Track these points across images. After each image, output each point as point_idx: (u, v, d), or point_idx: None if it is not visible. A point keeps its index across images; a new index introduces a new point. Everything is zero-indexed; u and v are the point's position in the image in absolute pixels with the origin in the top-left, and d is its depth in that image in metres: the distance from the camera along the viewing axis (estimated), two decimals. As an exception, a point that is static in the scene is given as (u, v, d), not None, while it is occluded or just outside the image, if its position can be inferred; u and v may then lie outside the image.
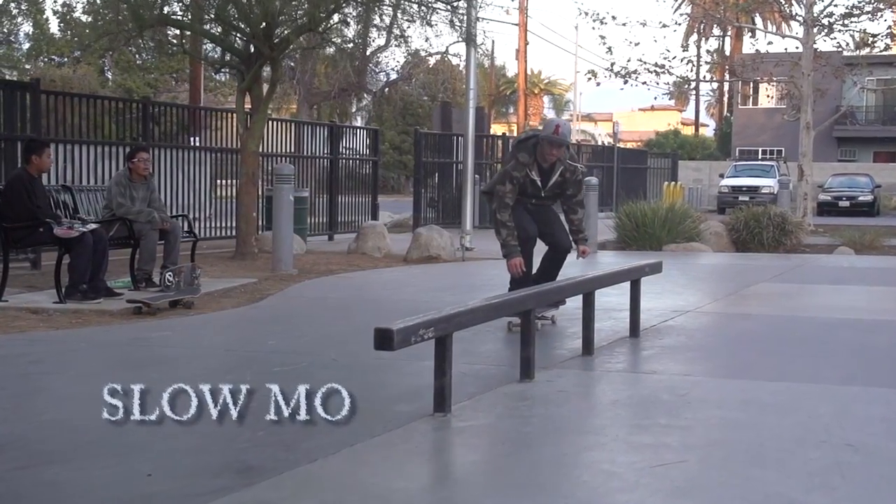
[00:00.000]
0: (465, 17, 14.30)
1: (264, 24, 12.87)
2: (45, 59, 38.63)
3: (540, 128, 7.38)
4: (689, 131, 59.92)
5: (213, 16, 13.34)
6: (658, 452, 4.10)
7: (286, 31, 13.30)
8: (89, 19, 23.31)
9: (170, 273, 9.79)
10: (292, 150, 17.59)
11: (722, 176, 34.66)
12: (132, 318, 8.23)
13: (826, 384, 5.61)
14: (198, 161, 15.32)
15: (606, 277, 6.67)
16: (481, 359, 6.23)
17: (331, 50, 17.94)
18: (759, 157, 43.55)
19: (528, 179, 7.36)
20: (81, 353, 6.43)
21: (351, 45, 16.71)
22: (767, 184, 31.83)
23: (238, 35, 13.75)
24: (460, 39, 15.91)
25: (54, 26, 40.94)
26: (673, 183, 29.26)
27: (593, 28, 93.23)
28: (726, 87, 47.13)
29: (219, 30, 13.79)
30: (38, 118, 11.94)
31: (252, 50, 13.28)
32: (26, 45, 37.13)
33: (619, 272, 7.05)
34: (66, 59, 38.89)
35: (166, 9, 13.33)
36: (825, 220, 25.78)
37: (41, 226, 8.94)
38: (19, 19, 34.01)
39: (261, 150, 16.30)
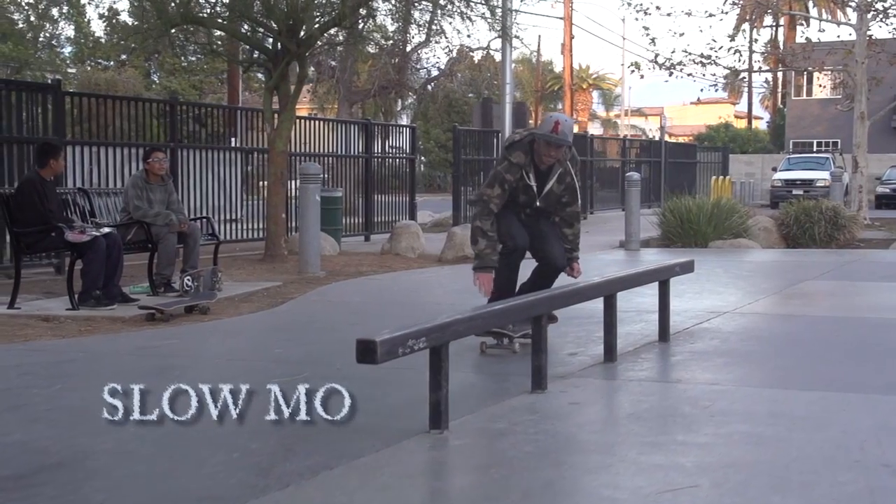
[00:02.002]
0: (501, 11, 13.91)
1: (290, 20, 12.58)
2: (92, 63, 38.85)
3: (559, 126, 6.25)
4: (742, 124, 58.83)
5: (239, 13, 13.08)
6: (669, 475, 3.66)
7: (314, 27, 12.99)
8: (135, 22, 23.27)
9: (188, 277, 9.51)
10: (327, 149, 17.29)
11: (775, 169, 33.81)
12: (144, 325, 7.95)
13: (867, 393, 5.11)
14: (229, 161, 15.06)
15: (630, 278, 6.19)
16: (493, 367, 5.82)
17: (367, 47, 17.67)
18: (814, 149, 42.51)
19: (522, 184, 6.41)
20: (77, 364, 6.12)
21: (383, 39, 16.42)
22: (822, 177, 30.91)
23: (264, 32, 13.48)
24: (496, 35, 15.54)
25: (98, 29, 41.24)
26: (721, 177, 28.52)
27: (636, 19, 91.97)
28: (780, 78, 46.12)
29: (245, 27, 13.53)
30: (60, 120, 11.73)
31: (279, 47, 13.00)
32: (68, 49, 37.37)
33: (644, 272, 6.57)
34: (111, 63, 39.08)
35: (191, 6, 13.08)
36: (882, 214, 24.93)
37: (53, 230, 8.69)
38: (61, 23, 34.22)
39: (294, 149, 16.08)
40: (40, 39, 34.33)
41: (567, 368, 5.74)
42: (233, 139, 16.52)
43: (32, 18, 33.61)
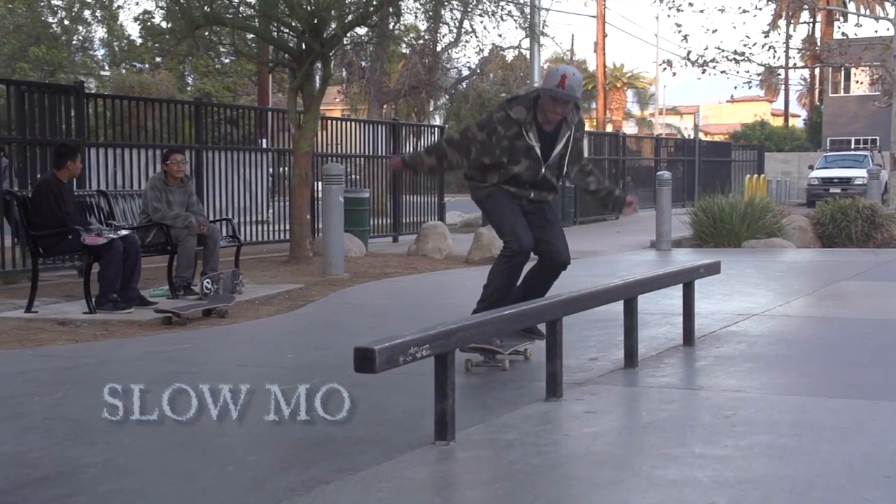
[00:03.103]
0: (529, 10, 13.71)
1: (314, 19, 12.45)
2: (127, 66, 38.97)
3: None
4: (779, 122, 58.10)
5: (263, 13, 12.96)
6: (682, 492, 3.45)
7: (338, 26, 12.84)
8: (169, 25, 23.30)
9: (208, 280, 9.40)
10: (355, 150, 17.15)
11: (812, 167, 33.27)
12: (160, 330, 7.82)
13: (900, 401, 4.87)
14: (255, 163, 14.96)
15: (651, 281, 5.95)
16: (509, 373, 5.62)
17: (395, 47, 17.56)
18: (852, 146, 41.83)
19: (522, 145, 5.62)
20: (84, 370, 5.99)
21: (413, 39, 16.28)
22: (860, 174, 30.34)
23: (289, 32, 13.36)
24: (525, 34, 15.33)
25: (132, 31, 41.40)
26: (756, 175, 28.09)
27: (668, 16, 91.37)
28: (817, 74, 45.45)
29: (269, 27, 13.41)
30: (82, 122, 11.66)
31: (303, 47, 12.87)
32: (100, 52, 37.47)
33: (666, 275, 6.32)
34: (145, 66, 39.18)
35: (215, 7, 12.98)
36: (921, 212, 24.43)
37: (70, 233, 8.59)
38: (94, 26, 34.29)
39: (321, 150, 15.96)
40: (73, 42, 34.43)
41: (586, 374, 5.53)
42: (262, 140, 16.45)
43: (66, 21, 33.74)
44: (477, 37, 29.89)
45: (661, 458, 3.87)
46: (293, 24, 12.89)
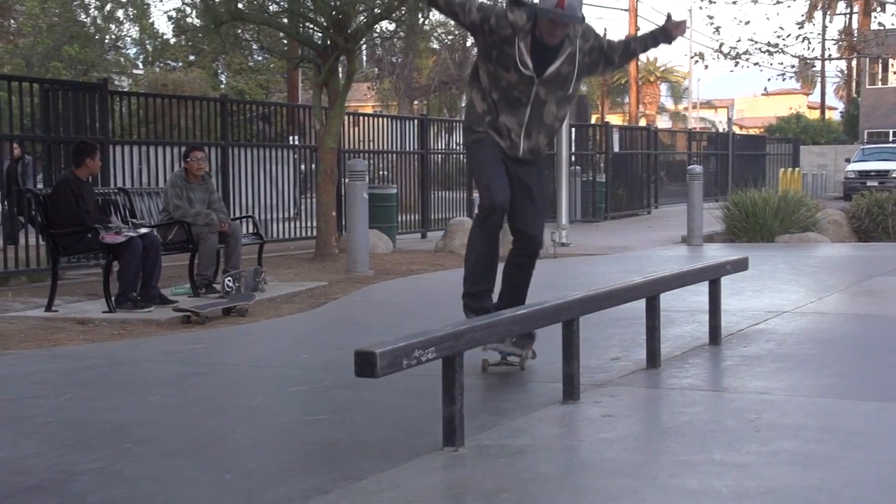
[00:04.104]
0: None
1: (338, 14, 12.34)
2: (161, 64, 39.10)
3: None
4: (815, 115, 57.36)
5: (287, 9, 12.88)
6: (700, 503, 3.28)
7: (362, 20, 12.73)
8: (196, 22, 23.28)
9: (229, 278, 9.31)
10: (384, 146, 17.03)
11: (848, 160, 32.74)
12: (178, 329, 7.73)
13: (934, 404, 4.66)
14: (283, 159, 14.87)
15: (674, 278, 5.74)
16: (526, 374, 5.45)
17: (423, 42, 17.41)
18: (890, 139, 41.17)
19: (512, 54, 5.03)
20: (94, 371, 5.89)
21: (439, 31, 16.14)
22: (899, 167, 29.88)
23: (313, 28, 13.26)
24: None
25: (164, 29, 41.53)
26: (790, 169, 27.67)
27: (701, 8, 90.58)
28: (854, 66, 44.79)
29: (294, 23, 13.32)
30: (106, 119, 11.61)
31: (328, 43, 12.76)
32: (132, 51, 37.65)
33: (690, 272, 6.11)
34: (179, 64, 39.27)
35: (240, 4, 12.91)
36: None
37: (89, 231, 8.52)
38: (126, 25, 34.44)
39: (349, 146, 15.85)
40: (106, 41, 34.59)
41: (607, 375, 5.35)
42: (292, 137, 16.39)
43: (99, 21, 33.90)
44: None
45: (680, 465, 3.69)
46: (317, 19, 12.79)
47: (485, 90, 5.26)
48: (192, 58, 39.78)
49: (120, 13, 33.33)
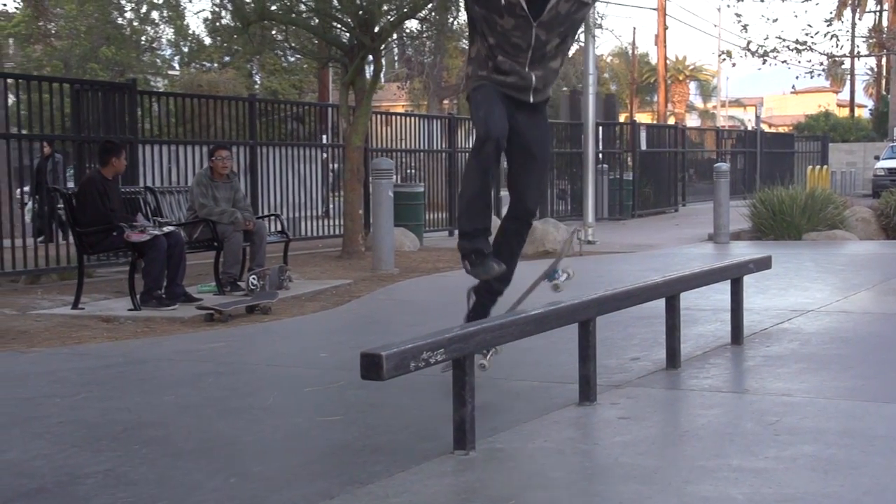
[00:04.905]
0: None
1: (365, 14, 12.34)
2: (197, 65, 39.32)
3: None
4: (844, 113, 56.81)
5: (313, 8, 12.90)
6: (714, 509, 3.25)
7: (388, 19, 12.73)
8: (226, 23, 23.39)
9: (254, 276, 9.34)
10: (412, 144, 17.05)
11: (877, 158, 32.40)
12: (201, 327, 7.77)
13: (959, 407, 4.60)
14: (311, 158, 14.91)
15: (694, 278, 5.70)
16: (548, 372, 5.43)
17: (451, 41, 17.37)
18: (922, 136, 40.65)
19: None
20: (112, 370, 5.92)
21: (466, 30, 16.10)
22: (928, 165, 29.50)
23: (340, 27, 13.27)
24: (581, 27, 15.08)
25: (199, 31, 41.68)
26: (818, 167, 27.42)
27: (728, 6, 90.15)
28: (884, 64, 44.29)
29: (321, 22, 13.34)
30: (135, 119, 11.69)
31: (354, 42, 12.77)
32: (168, 52, 37.90)
33: (711, 271, 6.06)
34: (214, 64, 39.47)
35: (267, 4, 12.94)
36: None
37: (115, 230, 8.58)
38: (161, 27, 34.68)
39: (377, 145, 15.88)
40: (142, 42, 34.84)
41: (625, 376, 5.32)
42: (323, 136, 16.41)
43: (135, 22, 34.13)
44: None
45: (696, 471, 3.66)
46: (344, 18, 12.81)
47: (484, 39, 4.87)
48: (226, 59, 39.93)
49: (155, 14, 33.52)
